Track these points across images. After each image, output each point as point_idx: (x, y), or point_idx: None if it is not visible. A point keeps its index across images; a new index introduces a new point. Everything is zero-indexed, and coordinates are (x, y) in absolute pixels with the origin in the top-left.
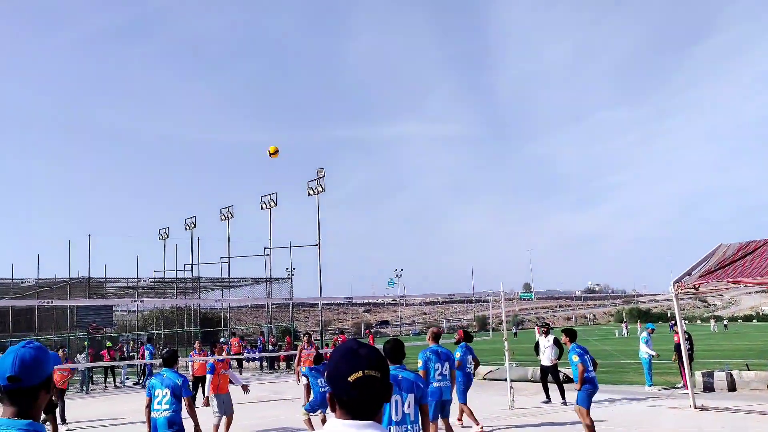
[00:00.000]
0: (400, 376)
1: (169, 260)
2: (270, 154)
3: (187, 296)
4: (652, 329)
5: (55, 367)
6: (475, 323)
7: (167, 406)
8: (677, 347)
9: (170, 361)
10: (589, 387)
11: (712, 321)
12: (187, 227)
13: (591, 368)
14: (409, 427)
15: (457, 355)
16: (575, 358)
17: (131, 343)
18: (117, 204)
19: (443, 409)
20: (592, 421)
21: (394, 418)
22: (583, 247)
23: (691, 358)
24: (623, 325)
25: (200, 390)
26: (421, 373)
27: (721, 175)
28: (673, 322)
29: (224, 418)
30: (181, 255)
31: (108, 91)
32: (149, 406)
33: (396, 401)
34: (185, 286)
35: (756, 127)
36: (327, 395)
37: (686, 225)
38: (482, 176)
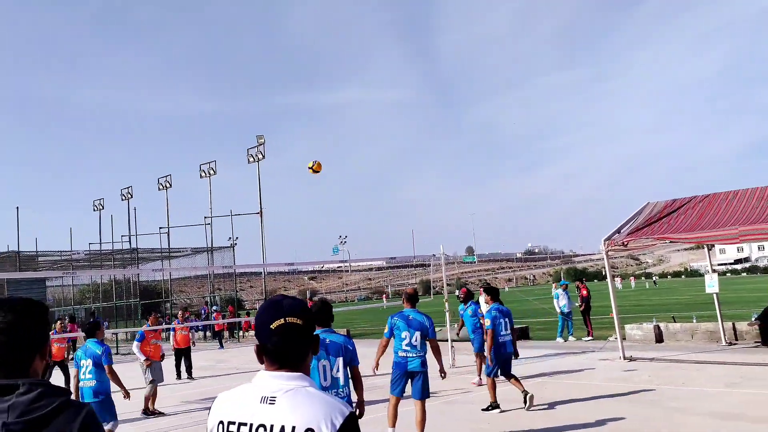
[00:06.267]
0: (327, 340)
1: (105, 232)
2: (314, 170)
3: (125, 267)
4: (566, 285)
5: (54, 337)
6: (419, 287)
7: (90, 376)
8: (584, 301)
9: (92, 332)
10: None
11: (618, 279)
12: (123, 198)
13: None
14: (339, 391)
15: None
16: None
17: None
18: (47, 176)
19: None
20: None
21: (323, 383)
22: (524, 210)
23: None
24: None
25: (183, 362)
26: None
27: (655, 136)
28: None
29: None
30: (118, 226)
31: (34, 57)
32: (77, 377)
33: (324, 366)
34: (123, 257)
35: (690, 89)
36: (254, 348)
37: (622, 186)
38: (426, 142)
